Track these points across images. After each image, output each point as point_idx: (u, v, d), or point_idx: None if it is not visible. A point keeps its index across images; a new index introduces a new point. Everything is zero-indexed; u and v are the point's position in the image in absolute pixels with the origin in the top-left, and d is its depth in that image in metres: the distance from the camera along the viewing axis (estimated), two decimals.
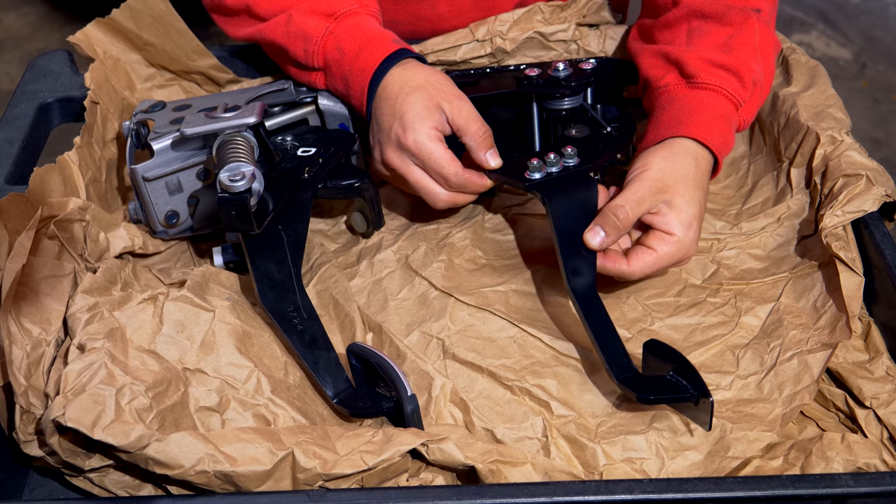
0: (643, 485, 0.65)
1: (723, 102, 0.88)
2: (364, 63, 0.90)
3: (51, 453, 0.71)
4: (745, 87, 0.89)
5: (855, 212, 0.84)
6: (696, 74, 0.89)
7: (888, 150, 2.32)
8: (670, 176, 0.84)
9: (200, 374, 0.75)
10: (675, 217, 0.83)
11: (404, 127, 0.87)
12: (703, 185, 0.86)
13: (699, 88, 0.89)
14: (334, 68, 0.92)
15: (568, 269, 0.81)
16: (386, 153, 0.89)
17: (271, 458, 0.67)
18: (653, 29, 0.96)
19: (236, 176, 0.79)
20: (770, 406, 0.77)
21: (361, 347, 0.77)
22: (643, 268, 0.83)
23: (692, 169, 0.85)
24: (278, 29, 0.94)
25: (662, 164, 0.85)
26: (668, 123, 0.88)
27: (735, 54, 0.89)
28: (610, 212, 0.83)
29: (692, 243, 0.84)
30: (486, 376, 0.80)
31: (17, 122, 0.97)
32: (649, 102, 0.93)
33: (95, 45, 1.00)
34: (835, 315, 0.82)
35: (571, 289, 0.80)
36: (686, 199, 0.84)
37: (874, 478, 0.67)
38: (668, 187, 0.84)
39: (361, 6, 0.94)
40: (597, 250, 0.83)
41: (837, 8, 2.81)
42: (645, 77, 0.93)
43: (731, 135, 0.89)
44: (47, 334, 0.76)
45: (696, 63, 0.89)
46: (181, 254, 0.93)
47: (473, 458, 0.69)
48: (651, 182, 0.84)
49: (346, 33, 0.92)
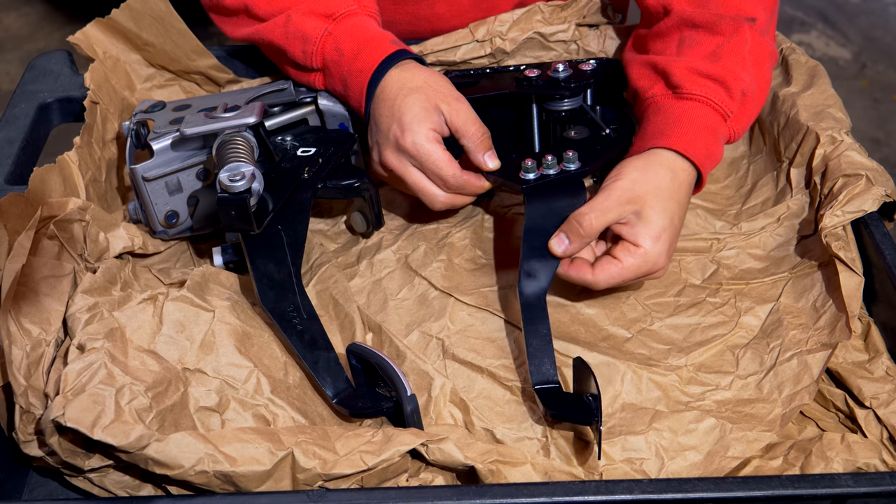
0: (643, 485, 0.65)
1: (708, 113, 0.87)
2: (363, 64, 0.90)
3: (50, 453, 0.71)
4: (733, 98, 0.87)
5: (855, 212, 0.84)
6: (681, 84, 0.87)
7: (888, 150, 2.32)
8: (641, 186, 0.83)
9: (200, 375, 0.75)
10: (644, 228, 0.82)
11: (402, 128, 0.86)
12: (677, 197, 0.84)
13: (684, 99, 0.87)
14: (333, 69, 0.92)
15: (523, 271, 0.81)
16: (384, 154, 0.89)
17: (271, 458, 0.67)
18: (646, 39, 0.95)
19: (236, 176, 0.79)
20: (770, 406, 0.77)
21: (361, 347, 0.77)
22: (607, 278, 0.81)
23: (667, 181, 0.84)
24: (277, 30, 0.94)
25: (635, 175, 0.84)
26: (651, 134, 0.87)
27: (722, 63, 0.88)
28: (574, 220, 0.82)
29: (660, 256, 0.82)
30: (486, 376, 0.80)
31: (17, 122, 0.97)
32: (639, 113, 0.92)
33: (95, 45, 1.00)
34: (834, 315, 0.82)
35: (521, 291, 0.80)
36: (657, 210, 0.82)
37: (874, 478, 0.67)
38: (639, 198, 0.82)
39: (360, 7, 0.94)
40: (560, 258, 0.82)
41: (837, 8, 2.81)
42: (634, 88, 0.93)
43: (717, 146, 0.87)
44: (47, 334, 0.76)
45: (682, 73, 0.88)
46: (181, 254, 0.93)
47: (473, 458, 0.69)
48: (620, 192, 0.82)
49: (344, 34, 0.91)
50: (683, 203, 0.85)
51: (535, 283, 0.81)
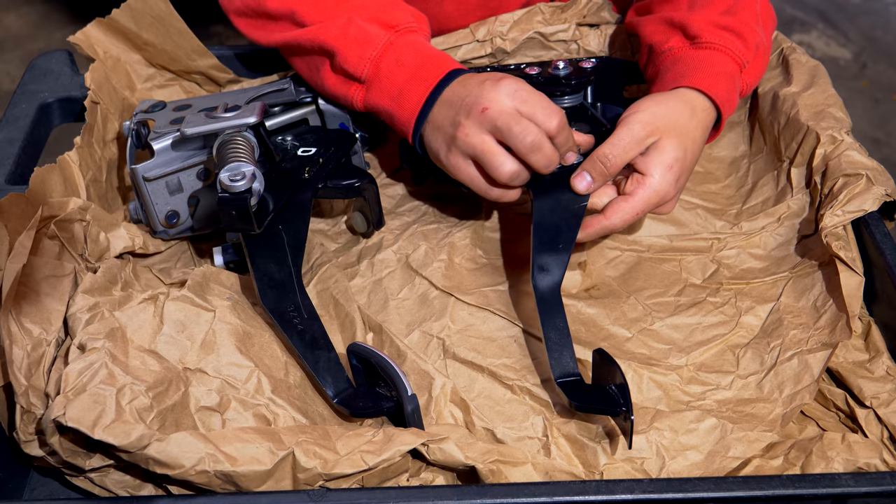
0: (643, 485, 0.65)
1: (727, 61, 0.89)
2: (427, 73, 0.87)
3: (51, 453, 0.71)
4: (749, 49, 0.90)
5: (855, 211, 0.84)
6: (699, 35, 0.89)
7: (888, 150, 2.32)
8: (661, 119, 0.84)
9: (201, 374, 0.75)
10: (657, 158, 0.83)
11: (484, 97, 0.82)
12: (694, 135, 0.86)
13: (703, 48, 0.89)
14: (385, 80, 0.88)
15: (536, 265, 0.81)
16: (462, 134, 0.83)
17: (272, 457, 0.67)
18: (653, 3, 0.97)
19: (236, 176, 0.79)
20: (770, 406, 0.77)
21: (362, 347, 0.77)
22: (622, 216, 0.83)
23: (686, 117, 0.85)
24: (333, 30, 0.90)
25: (655, 108, 0.85)
26: (671, 80, 0.89)
27: (739, 17, 0.90)
28: (598, 159, 0.83)
29: (670, 186, 0.83)
30: (487, 376, 0.80)
31: (18, 123, 0.97)
32: (653, 68, 0.93)
33: (96, 45, 1.00)
34: (835, 315, 0.82)
35: (535, 285, 0.80)
36: (672, 142, 0.83)
37: (874, 478, 0.67)
38: (657, 129, 0.84)
39: (419, 25, 0.92)
40: (582, 193, 0.84)
41: (837, 8, 2.81)
42: (649, 44, 0.94)
43: (734, 92, 0.89)
44: (48, 334, 0.76)
45: (700, 25, 0.90)
46: (181, 254, 0.93)
47: (474, 457, 0.69)
48: (640, 125, 0.84)
49: (406, 47, 0.89)
50: (699, 142, 0.87)
51: (548, 276, 0.81)
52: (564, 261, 0.82)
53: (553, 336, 0.78)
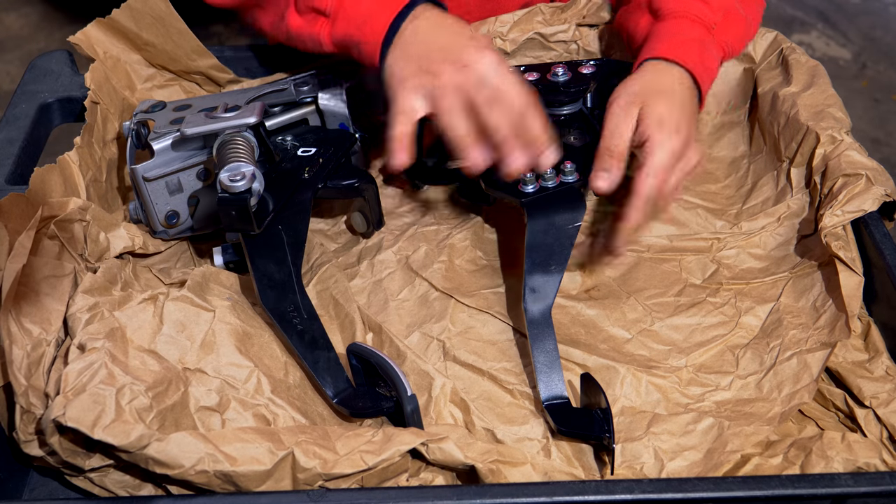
0: (643, 485, 0.65)
1: (691, 26, 0.90)
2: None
3: (51, 453, 0.71)
4: (714, 10, 0.91)
5: (855, 211, 0.84)
6: (661, 7, 0.92)
7: (888, 150, 2.32)
8: (637, 88, 0.85)
9: (200, 374, 0.75)
10: (646, 120, 0.83)
11: (465, 44, 0.80)
12: (675, 89, 0.86)
13: (666, 18, 0.91)
14: (350, 9, 0.86)
15: (528, 288, 0.81)
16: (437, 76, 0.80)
17: (271, 457, 0.67)
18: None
19: (236, 176, 0.79)
20: (769, 405, 0.77)
21: (361, 347, 0.77)
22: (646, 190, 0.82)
23: (661, 81, 0.86)
24: None
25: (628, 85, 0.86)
26: (640, 57, 0.90)
27: None
28: (604, 154, 0.84)
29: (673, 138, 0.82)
30: (487, 379, 0.80)
31: (18, 123, 0.97)
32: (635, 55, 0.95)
33: (96, 45, 1.00)
34: (834, 315, 0.82)
35: (526, 309, 0.80)
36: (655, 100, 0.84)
37: (874, 477, 0.67)
38: (638, 96, 0.84)
39: None
40: (606, 192, 0.83)
41: (837, 8, 2.81)
42: (628, 34, 0.97)
43: (710, 58, 0.90)
44: (47, 334, 0.76)
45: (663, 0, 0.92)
46: (181, 254, 0.93)
47: (473, 457, 0.69)
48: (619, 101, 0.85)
49: None
50: (685, 95, 0.87)
51: (540, 299, 0.80)
52: (556, 282, 0.81)
53: (542, 359, 0.78)
